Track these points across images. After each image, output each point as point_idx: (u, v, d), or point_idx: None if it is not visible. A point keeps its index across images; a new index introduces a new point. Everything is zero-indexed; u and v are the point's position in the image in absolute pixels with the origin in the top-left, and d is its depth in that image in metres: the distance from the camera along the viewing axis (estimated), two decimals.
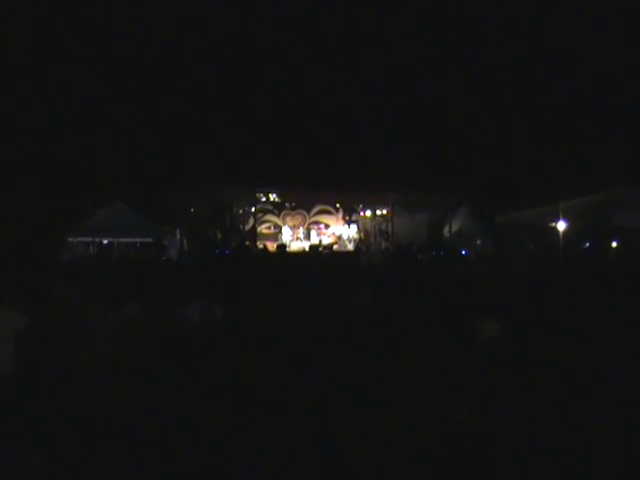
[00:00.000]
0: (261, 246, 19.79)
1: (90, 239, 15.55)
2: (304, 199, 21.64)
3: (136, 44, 18.42)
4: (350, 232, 21.74)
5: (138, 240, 15.82)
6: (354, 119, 20.49)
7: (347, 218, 22.62)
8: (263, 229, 21.34)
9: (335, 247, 20.79)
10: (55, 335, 3.82)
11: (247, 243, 19.43)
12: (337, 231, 21.94)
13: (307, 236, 21.67)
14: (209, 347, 4.19)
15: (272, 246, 19.83)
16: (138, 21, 18.04)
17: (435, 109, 19.89)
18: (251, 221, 20.95)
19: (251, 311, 5.12)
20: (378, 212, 21.99)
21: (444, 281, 7.72)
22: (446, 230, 19.80)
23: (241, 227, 20.74)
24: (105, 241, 15.87)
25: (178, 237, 16.58)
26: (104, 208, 15.38)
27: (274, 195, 21.29)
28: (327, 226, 22.32)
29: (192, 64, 19.43)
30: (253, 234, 20.30)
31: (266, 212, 21.96)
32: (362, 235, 21.94)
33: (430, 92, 19.72)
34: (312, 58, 19.79)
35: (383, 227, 21.73)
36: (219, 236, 19.64)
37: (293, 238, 21.46)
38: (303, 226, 22.33)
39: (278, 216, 22.26)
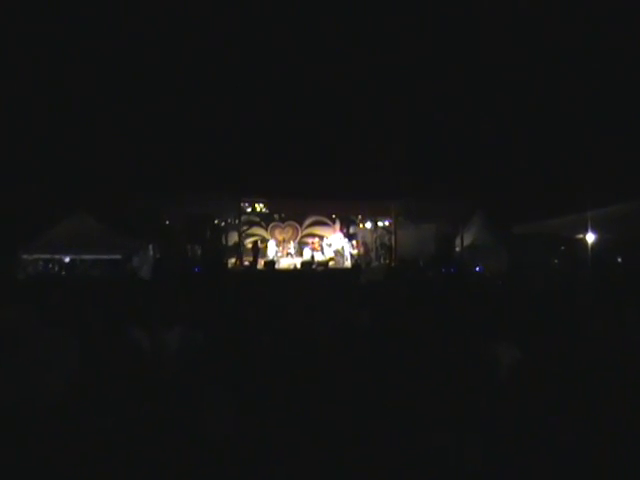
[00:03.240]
0: (246, 263, 19.77)
1: (49, 256, 15.48)
2: (295, 209, 21.70)
3: (105, 42, 18.56)
4: (348, 246, 21.77)
5: (105, 257, 15.75)
6: (351, 118, 20.63)
7: (344, 230, 22.65)
8: (249, 243, 21.36)
9: (331, 264, 20.81)
10: (3, 368, 3.78)
11: (234, 259, 19.44)
12: (333, 245, 21.96)
13: (299, 251, 21.71)
14: (187, 379, 4.18)
15: (260, 263, 19.80)
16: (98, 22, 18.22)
17: (443, 107, 20.07)
18: (235, 235, 20.96)
19: (236, 337, 5.11)
20: (379, 223, 22.08)
21: (456, 302, 7.71)
22: (457, 243, 19.85)
23: (224, 241, 20.72)
24: (66, 258, 15.80)
25: (151, 253, 16.53)
26: (65, 220, 15.33)
27: (261, 205, 21.34)
28: (322, 239, 22.36)
29: (168, 60, 19.56)
30: (238, 249, 20.27)
31: (252, 224, 21.97)
32: (361, 250, 21.97)
33: (438, 88, 19.92)
34: (306, 51, 19.98)
35: (385, 240, 21.78)
36: (198, 252, 19.60)
37: (282, 253, 21.44)
38: (294, 240, 22.34)
39: (265, 229, 22.27)
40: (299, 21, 19.77)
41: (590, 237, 12.68)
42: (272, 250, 21.35)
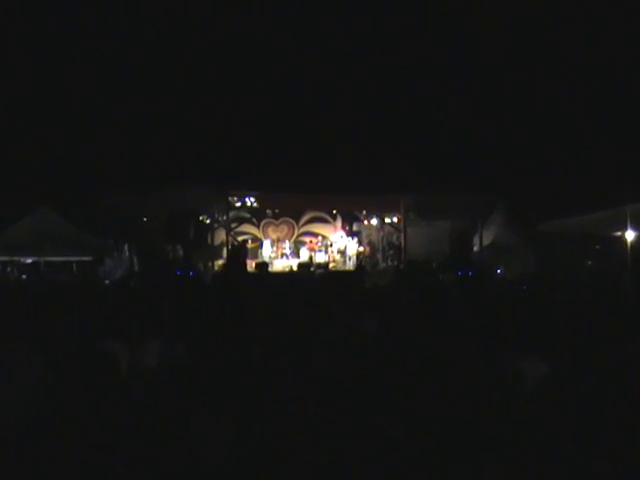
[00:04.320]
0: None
1: (7, 258, 15.46)
2: (291, 204, 21.65)
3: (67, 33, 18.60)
4: (351, 246, 21.77)
5: (73, 259, 15.73)
6: (354, 101, 20.65)
7: (347, 228, 22.64)
8: (235, 242, 21.31)
9: (332, 265, 20.81)
10: None
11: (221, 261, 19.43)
12: (334, 245, 21.95)
13: (295, 252, 21.75)
14: (166, 397, 4.18)
15: (250, 265, 19.78)
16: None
17: (460, 87, 20.08)
18: (222, 233, 20.92)
19: (223, 350, 5.10)
20: (387, 220, 22.06)
21: (474, 309, 7.71)
22: (475, 242, 19.84)
23: (209, 241, 20.71)
24: (28, 260, 15.78)
25: (126, 254, 16.52)
26: (27, 217, 15.30)
27: (252, 199, 21.28)
28: (323, 238, 22.36)
29: (145, 45, 19.58)
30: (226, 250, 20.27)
31: (242, 221, 21.96)
32: (366, 250, 21.97)
33: (457, 67, 19.97)
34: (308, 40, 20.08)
35: (393, 239, 21.77)
36: (180, 253, 19.59)
37: (277, 254, 21.45)
38: (290, 239, 22.32)
39: (257, 226, 22.26)
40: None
41: (630, 235, 12.64)
42: (267, 250, 21.37)
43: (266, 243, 21.68)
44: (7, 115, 18.22)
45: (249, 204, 21.40)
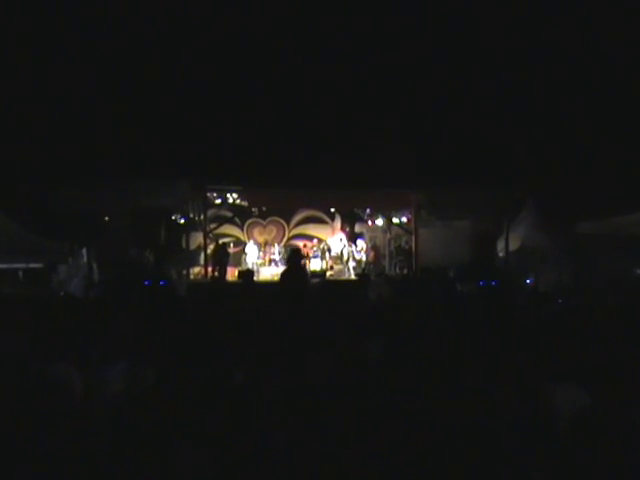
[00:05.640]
0: (217, 274, 19.77)
1: None
2: (281, 201, 21.68)
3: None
4: (352, 251, 21.79)
5: (20, 266, 15.70)
6: (356, 81, 20.66)
7: (347, 230, 22.68)
8: (214, 246, 21.29)
9: (329, 274, 20.84)
10: None
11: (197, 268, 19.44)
12: (332, 250, 21.97)
13: (286, 258, 21.65)
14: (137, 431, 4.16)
15: (232, 273, 19.79)
16: None
17: (485, 66, 20.13)
18: (200, 236, 20.88)
19: (200, 374, 5.09)
20: (394, 220, 22.10)
21: (499, 328, 7.71)
22: (500, 247, 19.87)
23: (184, 245, 20.70)
24: None
25: (84, 260, 16.49)
26: None
27: (234, 195, 21.25)
28: (319, 241, 22.39)
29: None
30: (203, 255, 20.24)
31: (222, 222, 21.96)
32: (370, 255, 22.01)
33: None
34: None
35: (402, 243, 21.82)
36: (150, 258, 19.58)
37: (263, 260, 21.46)
38: (280, 242, 22.39)
39: (241, 227, 22.29)
40: None
41: None
42: (252, 256, 21.34)
43: (251, 247, 21.65)
44: None
45: (231, 201, 21.39)
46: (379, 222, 22.64)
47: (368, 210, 22.55)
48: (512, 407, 4.08)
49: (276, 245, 22.11)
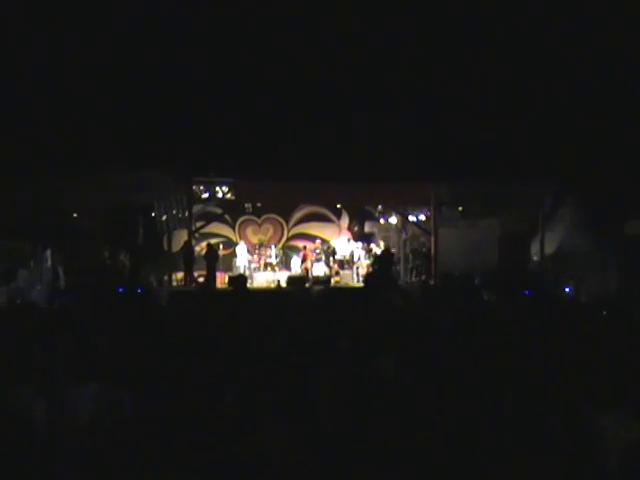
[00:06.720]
0: (201, 279, 19.77)
1: None
2: (279, 196, 21.70)
3: None
4: (361, 254, 21.80)
5: None
6: (364, 57, 20.65)
7: (356, 229, 22.71)
8: (203, 248, 21.31)
9: (334, 280, 20.86)
10: None
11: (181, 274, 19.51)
12: (338, 252, 21.98)
13: (284, 261, 21.77)
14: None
15: (222, 279, 19.81)
16: None
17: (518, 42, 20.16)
18: (184, 235, 20.89)
19: (183, 395, 5.09)
20: (411, 218, 22.10)
21: (535, 344, 7.68)
22: (534, 250, 19.87)
23: (165, 246, 20.73)
24: None
25: (48, 264, 16.52)
26: None
27: (224, 188, 21.24)
28: (323, 242, 22.41)
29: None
30: (188, 257, 20.23)
31: (210, 219, 21.99)
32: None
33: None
34: None
35: (419, 244, 21.83)
36: (126, 262, 19.61)
37: (258, 264, 21.48)
38: (277, 244, 22.42)
39: (232, 226, 22.32)
40: None
41: None
42: (243, 259, 21.35)
43: (242, 249, 21.66)
44: None
45: (220, 195, 21.33)
46: (393, 220, 22.65)
47: (380, 206, 22.56)
48: (557, 440, 4.09)
49: (273, 247, 22.10)
